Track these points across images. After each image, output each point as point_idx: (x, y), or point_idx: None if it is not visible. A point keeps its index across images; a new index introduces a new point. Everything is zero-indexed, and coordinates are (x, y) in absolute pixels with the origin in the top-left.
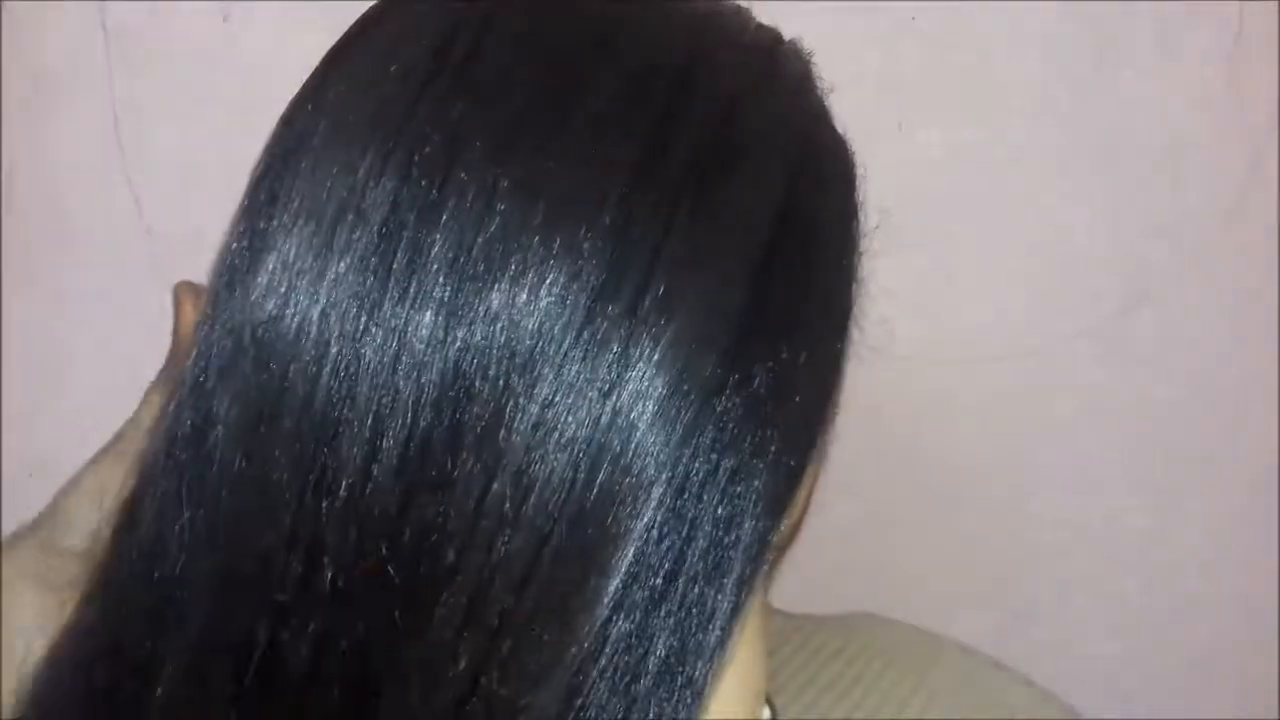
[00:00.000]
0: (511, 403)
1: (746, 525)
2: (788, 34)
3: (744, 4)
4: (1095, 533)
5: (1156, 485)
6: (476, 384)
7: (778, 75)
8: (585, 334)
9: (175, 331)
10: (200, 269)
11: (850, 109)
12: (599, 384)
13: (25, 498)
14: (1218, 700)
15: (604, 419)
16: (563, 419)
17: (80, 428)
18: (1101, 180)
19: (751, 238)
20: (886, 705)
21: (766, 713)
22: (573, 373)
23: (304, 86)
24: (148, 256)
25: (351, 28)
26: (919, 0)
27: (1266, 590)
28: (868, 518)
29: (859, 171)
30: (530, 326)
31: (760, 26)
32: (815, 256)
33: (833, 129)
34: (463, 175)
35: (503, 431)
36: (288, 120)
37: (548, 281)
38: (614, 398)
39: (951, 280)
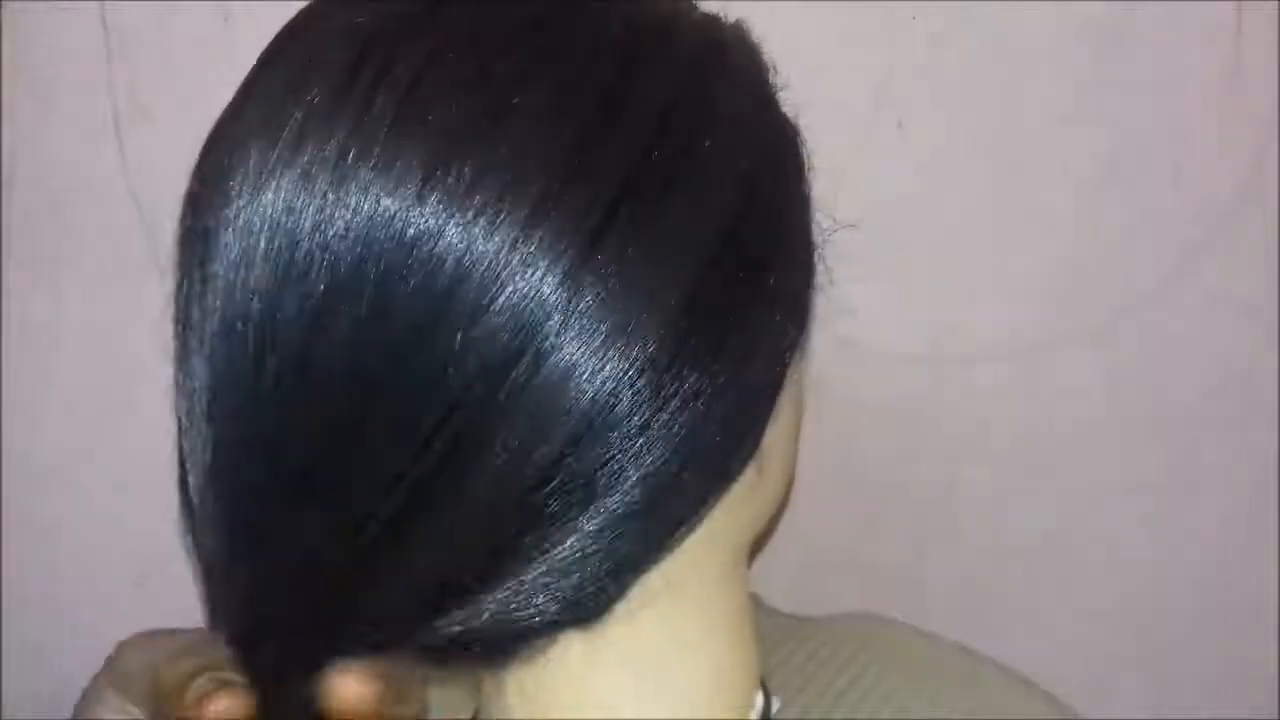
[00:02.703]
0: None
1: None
2: (789, 33)
3: (745, 2)
4: (1095, 532)
5: (1157, 485)
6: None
7: (722, 67)
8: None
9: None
10: None
11: (850, 108)
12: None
13: (25, 497)
14: (1218, 700)
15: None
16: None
17: (80, 427)
18: (1102, 180)
19: (697, 232)
20: (886, 706)
21: (759, 699)
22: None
23: (224, 110)
24: (148, 256)
25: (269, 45)
26: (919, 0)
27: (1267, 590)
28: (866, 518)
29: (808, 155)
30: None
31: (704, 16)
32: (768, 244)
33: (780, 113)
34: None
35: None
36: (207, 148)
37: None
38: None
39: (951, 280)
